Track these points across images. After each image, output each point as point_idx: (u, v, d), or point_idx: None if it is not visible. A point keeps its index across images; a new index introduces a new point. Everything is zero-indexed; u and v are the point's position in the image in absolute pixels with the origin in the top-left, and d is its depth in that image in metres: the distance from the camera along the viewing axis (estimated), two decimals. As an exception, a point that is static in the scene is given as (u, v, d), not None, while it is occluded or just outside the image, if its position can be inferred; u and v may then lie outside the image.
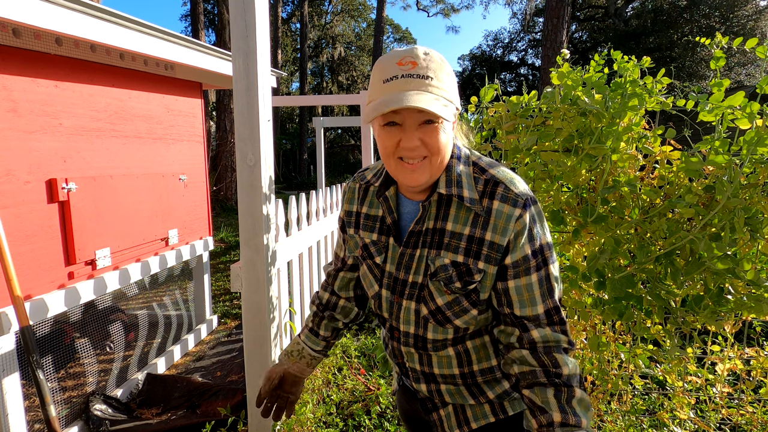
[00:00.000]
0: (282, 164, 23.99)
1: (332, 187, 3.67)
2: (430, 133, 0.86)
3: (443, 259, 0.92)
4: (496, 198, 0.89)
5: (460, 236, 0.91)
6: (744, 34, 13.30)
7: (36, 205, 2.16)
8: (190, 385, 2.77)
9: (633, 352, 1.73)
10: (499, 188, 0.90)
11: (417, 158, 0.87)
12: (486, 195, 0.90)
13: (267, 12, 1.73)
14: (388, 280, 1.00)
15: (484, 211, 0.89)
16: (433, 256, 0.93)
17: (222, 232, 8.48)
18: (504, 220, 0.88)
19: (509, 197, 0.89)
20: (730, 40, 1.49)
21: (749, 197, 1.38)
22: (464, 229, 0.91)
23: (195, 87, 3.62)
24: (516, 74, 23.02)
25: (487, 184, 0.91)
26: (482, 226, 0.89)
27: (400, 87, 0.84)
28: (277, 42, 18.99)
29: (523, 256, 0.88)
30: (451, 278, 0.91)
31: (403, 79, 0.84)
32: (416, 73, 0.84)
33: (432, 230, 0.94)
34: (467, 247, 0.90)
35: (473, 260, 0.90)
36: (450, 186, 0.91)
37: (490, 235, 0.88)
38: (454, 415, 1.04)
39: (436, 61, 0.86)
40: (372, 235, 1.03)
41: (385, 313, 1.04)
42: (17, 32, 2.05)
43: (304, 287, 2.83)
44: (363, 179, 1.09)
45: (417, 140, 0.86)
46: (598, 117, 1.53)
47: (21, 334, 1.88)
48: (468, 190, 0.91)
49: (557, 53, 7.11)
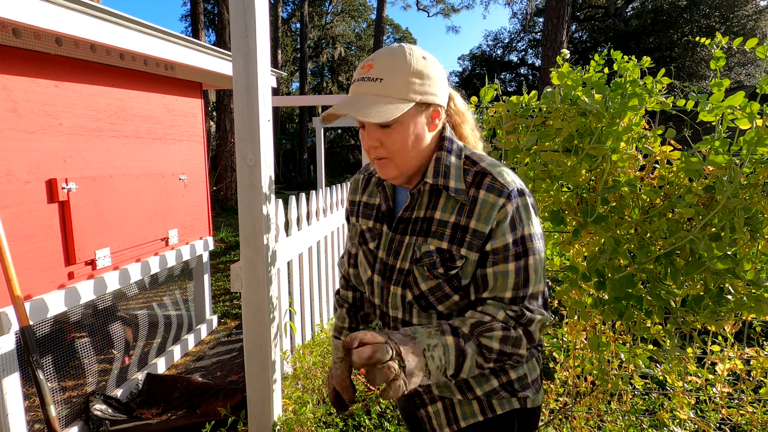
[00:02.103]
0: (282, 164, 23.99)
1: (332, 187, 3.67)
2: (386, 135, 0.92)
3: (429, 246, 0.95)
4: (482, 188, 0.92)
5: (446, 224, 0.94)
6: (744, 34, 13.30)
7: (36, 205, 2.16)
8: (190, 385, 2.77)
9: (633, 352, 1.73)
10: (487, 179, 0.93)
11: (379, 156, 0.94)
12: (473, 185, 0.93)
13: (267, 12, 1.73)
14: (379, 266, 1.04)
15: (470, 200, 0.92)
16: (420, 242, 0.96)
17: (222, 232, 8.48)
18: (488, 209, 0.91)
19: (495, 187, 0.91)
20: (730, 40, 1.48)
21: (749, 197, 1.38)
22: (450, 218, 0.94)
23: (195, 87, 3.62)
24: (516, 74, 23.03)
25: (476, 176, 0.94)
26: (467, 215, 0.92)
27: (354, 91, 0.92)
28: (277, 42, 18.99)
29: (503, 244, 0.91)
30: (435, 264, 0.94)
31: (357, 83, 0.92)
32: (368, 77, 0.90)
33: (422, 219, 0.98)
34: (452, 234, 0.93)
35: (456, 247, 0.93)
36: (437, 176, 0.95)
37: (474, 223, 0.92)
38: (443, 412, 1.04)
39: (396, 60, 0.90)
40: (368, 222, 1.08)
41: (376, 298, 1.07)
42: (17, 32, 2.05)
43: (304, 287, 2.83)
44: (367, 170, 1.15)
45: (375, 140, 0.93)
46: (598, 117, 1.53)
47: (21, 334, 1.89)
48: (455, 181, 0.94)
49: (557, 53, 7.11)
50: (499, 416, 1.01)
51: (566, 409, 1.95)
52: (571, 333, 1.89)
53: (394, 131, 0.91)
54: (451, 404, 1.03)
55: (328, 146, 25.62)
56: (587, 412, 1.92)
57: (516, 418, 1.02)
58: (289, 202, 2.64)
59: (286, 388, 2.23)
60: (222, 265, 6.45)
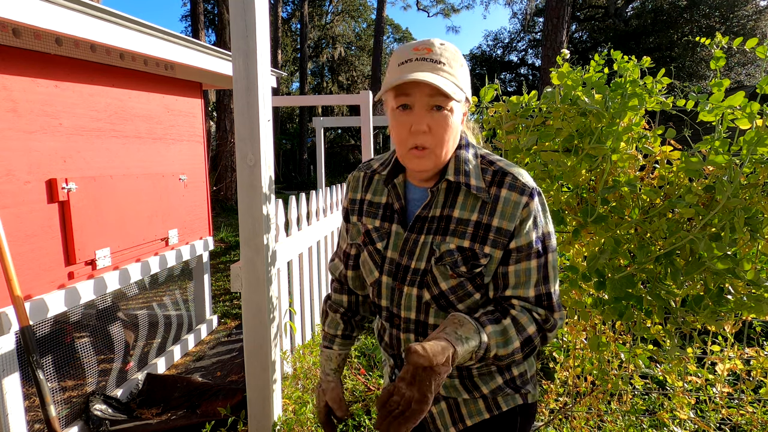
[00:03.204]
0: (282, 164, 23.98)
1: (332, 187, 3.67)
2: (438, 119, 0.89)
3: (449, 245, 0.94)
4: (504, 186, 0.93)
5: (467, 222, 0.94)
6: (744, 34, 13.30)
7: (36, 205, 2.16)
8: (190, 385, 2.77)
9: (633, 352, 1.73)
10: (508, 178, 0.94)
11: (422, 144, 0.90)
12: (494, 184, 0.94)
13: (267, 12, 1.73)
14: (389, 266, 1.01)
15: (492, 198, 0.93)
16: (439, 241, 0.95)
17: (222, 232, 8.48)
18: (512, 207, 0.92)
19: (517, 186, 0.93)
20: (730, 40, 1.48)
21: (749, 197, 1.38)
22: (471, 216, 0.94)
23: (195, 87, 3.62)
24: (516, 74, 23.02)
25: (496, 174, 0.95)
26: (489, 213, 0.93)
27: (413, 68, 0.88)
28: (277, 42, 18.98)
29: (527, 242, 0.92)
30: (457, 263, 0.93)
31: (417, 62, 0.89)
32: (430, 58, 0.89)
33: (439, 217, 0.97)
34: (474, 232, 0.93)
35: (479, 245, 0.93)
36: (458, 174, 0.95)
37: (498, 221, 0.92)
38: (447, 412, 1.04)
39: (450, 51, 0.92)
40: (375, 221, 1.05)
41: (384, 300, 1.04)
42: (17, 32, 2.05)
43: (304, 287, 2.83)
44: (369, 168, 1.11)
45: (425, 125, 0.89)
46: (598, 117, 1.53)
47: (21, 334, 1.89)
48: (475, 179, 0.95)
49: (557, 53, 7.11)
50: (503, 413, 1.03)
51: (566, 409, 1.95)
52: (571, 333, 1.89)
53: (446, 116, 0.89)
54: (456, 404, 1.04)
55: (328, 146, 25.60)
56: (587, 412, 1.92)
57: (519, 414, 1.04)
58: (289, 202, 2.64)
59: (286, 388, 2.23)
60: (222, 265, 6.45)
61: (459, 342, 0.81)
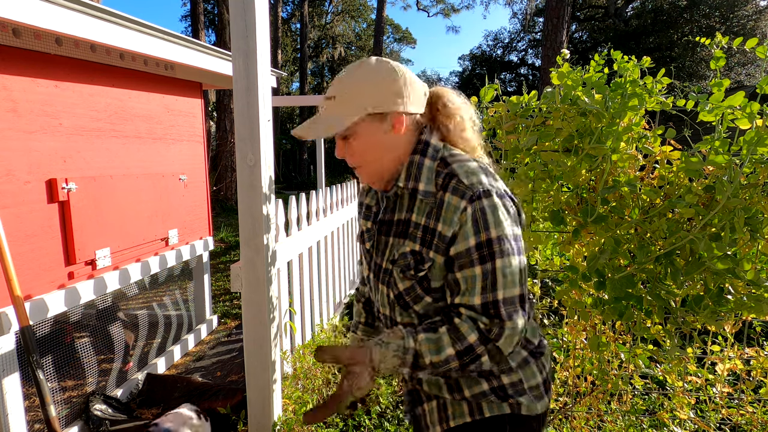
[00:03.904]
0: (282, 164, 23.97)
1: (332, 187, 3.67)
2: (349, 146, 1.00)
3: (404, 248, 0.98)
4: (448, 190, 0.93)
5: (418, 226, 0.97)
6: (744, 34, 13.30)
7: (36, 205, 2.16)
8: (190, 385, 2.77)
9: (633, 352, 1.73)
10: (453, 181, 0.93)
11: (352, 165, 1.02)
12: (442, 187, 0.95)
13: (267, 12, 1.73)
14: (373, 265, 1.09)
15: (437, 202, 0.94)
16: (399, 244, 1.00)
17: (222, 232, 8.48)
18: (451, 212, 0.92)
19: (459, 189, 0.92)
20: (730, 40, 1.49)
21: (749, 197, 1.38)
22: (421, 220, 0.97)
23: (195, 87, 3.62)
24: (516, 74, 23.03)
25: (446, 178, 0.95)
26: (435, 217, 0.94)
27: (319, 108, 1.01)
28: (277, 42, 18.98)
29: (466, 248, 0.90)
30: (409, 265, 0.97)
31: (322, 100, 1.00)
32: (327, 95, 0.99)
33: (401, 221, 1.01)
34: (423, 236, 0.96)
35: (426, 249, 0.95)
36: (408, 179, 0.98)
37: (440, 226, 0.93)
38: (436, 410, 1.06)
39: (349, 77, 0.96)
40: (367, 223, 1.13)
41: (372, 295, 1.13)
42: (17, 32, 2.05)
43: (304, 287, 2.83)
44: None
45: (343, 153, 1.01)
46: (598, 117, 1.53)
47: (21, 334, 1.88)
48: (425, 184, 0.96)
49: (557, 53, 7.10)
50: (487, 419, 1.00)
51: (566, 409, 1.95)
52: (571, 333, 1.89)
53: (351, 142, 0.98)
54: (444, 403, 1.05)
55: (328, 146, 25.58)
56: (587, 412, 1.92)
57: (507, 424, 1.00)
58: (289, 202, 2.64)
59: (286, 388, 2.23)
60: (222, 265, 6.45)
61: (378, 346, 0.89)
